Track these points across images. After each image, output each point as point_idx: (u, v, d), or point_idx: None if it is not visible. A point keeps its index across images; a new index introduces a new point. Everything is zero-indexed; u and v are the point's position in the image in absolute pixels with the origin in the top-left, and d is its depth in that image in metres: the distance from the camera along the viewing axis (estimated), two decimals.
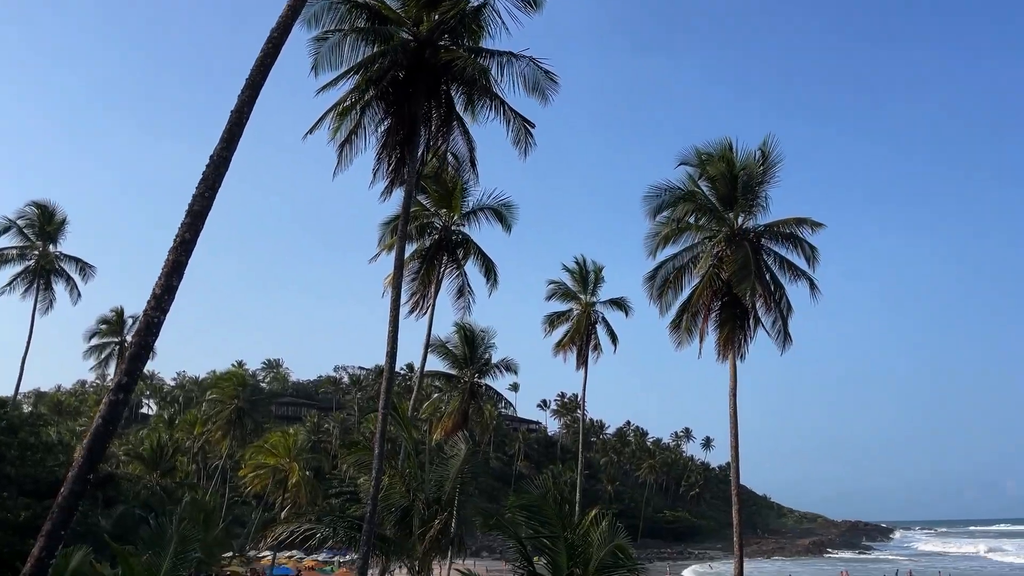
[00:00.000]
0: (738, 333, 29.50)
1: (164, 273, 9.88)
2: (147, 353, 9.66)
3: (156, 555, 10.96)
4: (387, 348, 20.84)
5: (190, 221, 10.39)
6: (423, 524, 19.71)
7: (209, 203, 10.66)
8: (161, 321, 9.67)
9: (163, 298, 9.58)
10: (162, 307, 9.58)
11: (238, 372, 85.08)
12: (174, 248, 10.10)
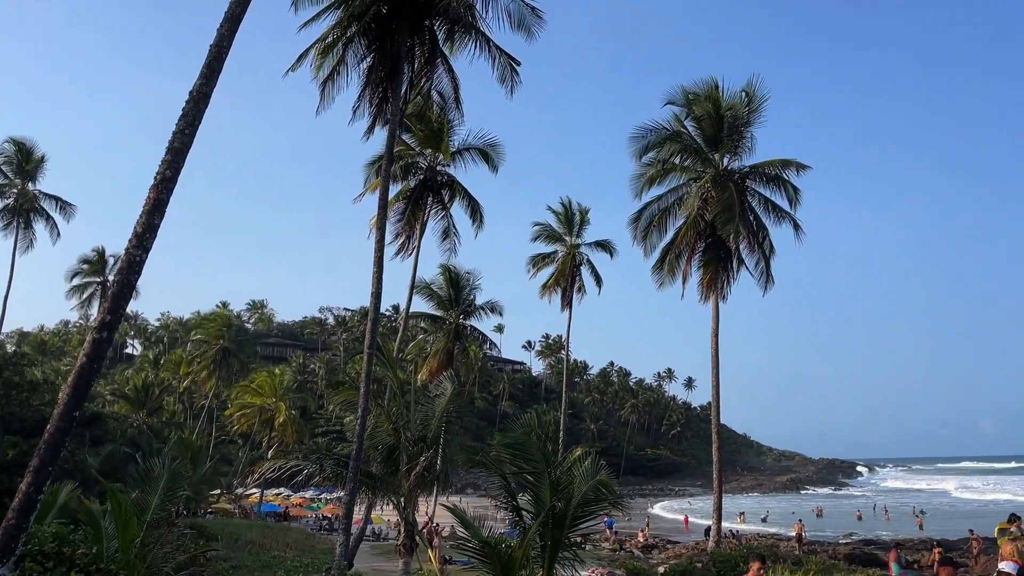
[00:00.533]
0: (721, 274, 29.72)
1: (145, 211, 9.78)
2: (130, 292, 9.61)
3: (145, 492, 11.09)
4: (372, 289, 20.84)
5: (171, 159, 10.25)
6: (409, 461, 19.98)
7: (189, 140, 10.50)
8: (143, 259, 9.60)
9: (144, 236, 9.50)
10: (144, 245, 9.50)
11: (223, 313, 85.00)
12: (155, 186, 9.98)
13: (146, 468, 11.92)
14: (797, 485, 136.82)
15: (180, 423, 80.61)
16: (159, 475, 11.17)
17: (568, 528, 11.73)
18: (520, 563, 10.90)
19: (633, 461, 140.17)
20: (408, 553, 19.88)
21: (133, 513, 10.13)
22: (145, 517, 10.15)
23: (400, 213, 34.05)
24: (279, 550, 30.52)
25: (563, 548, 11.77)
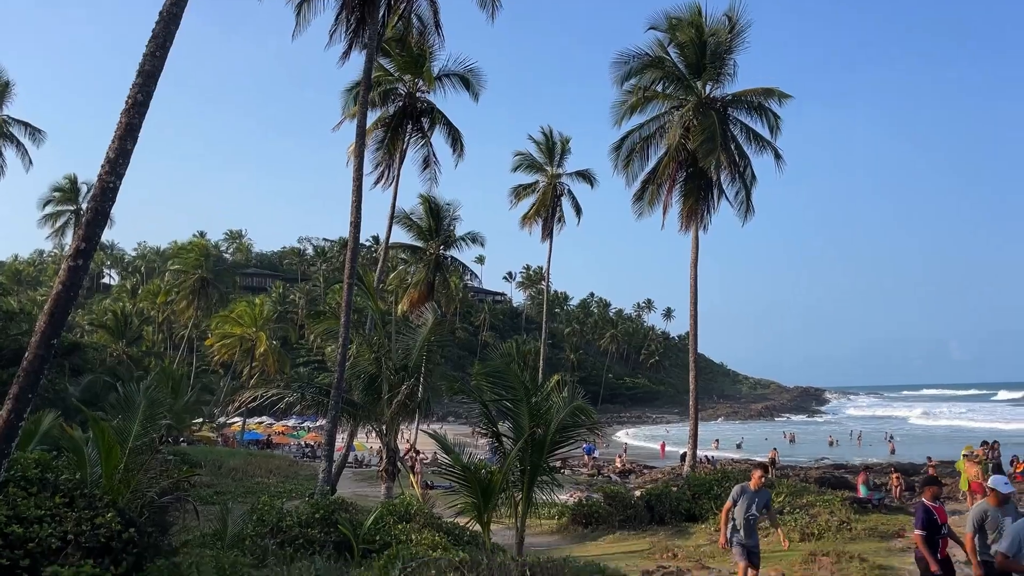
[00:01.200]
0: (701, 204, 29.70)
1: (117, 136, 9.53)
2: (104, 219, 9.44)
3: (126, 420, 11.13)
4: (351, 218, 20.66)
5: (141, 82, 9.94)
6: (391, 390, 20.20)
7: (160, 63, 10.18)
8: (117, 186, 9.40)
9: (117, 162, 9.28)
10: (117, 171, 9.29)
11: (200, 242, 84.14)
12: (126, 110, 9.70)
13: (126, 396, 11.92)
14: (772, 413, 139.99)
15: (160, 353, 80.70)
16: (139, 402, 11.19)
17: (547, 453, 11.97)
18: (500, 487, 11.15)
19: (612, 390, 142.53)
20: (390, 478, 20.26)
21: (116, 440, 10.19)
22: (127, 444, 10.22)
23: (379, 141, 33.53)
24: (262, 476, 31.02)
25: (542, 472, 12.03)
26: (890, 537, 16.67)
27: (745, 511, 10.21)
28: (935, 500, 9.27)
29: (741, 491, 10.39)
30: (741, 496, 10.30)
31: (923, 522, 8.96)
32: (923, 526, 8.94)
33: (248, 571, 10.56)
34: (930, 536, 8.87)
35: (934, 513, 9.03)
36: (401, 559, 9.81)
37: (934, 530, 8.94)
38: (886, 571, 13.39)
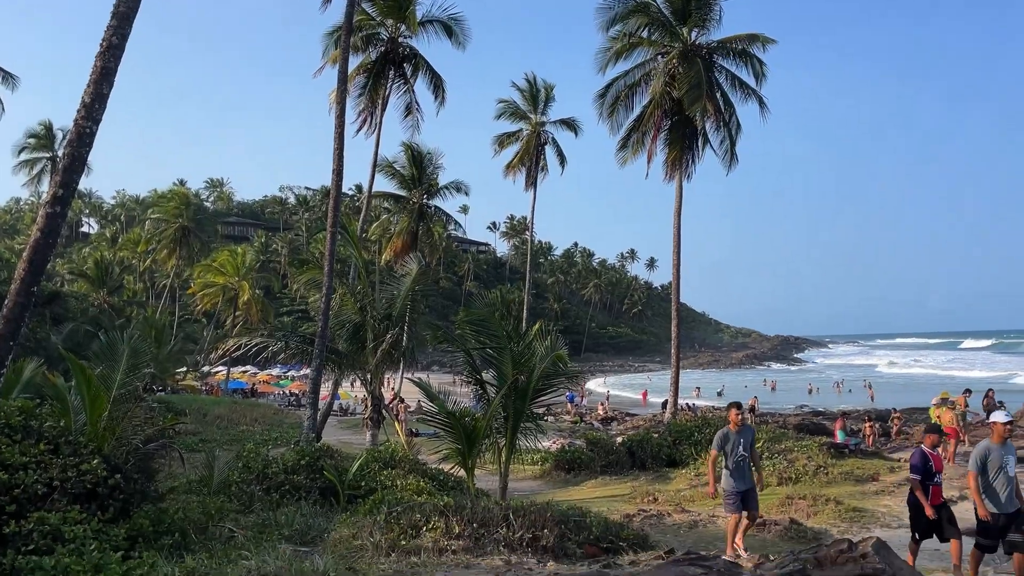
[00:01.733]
0: (686, 153, 29.60)
1: (92, 80, 9.33)
2: (81, 165, 9.29)
3: (109, 368, 11.10)
4: (334, 166, 20.42)
5: (116, 24, 9.71)
6: (375, 339, 20.24)
7: (135, 4, 9.92)
8: (93, 131, 9.23)
9: (93, 107, 9.09)
10: (93, 116, 9.11)
11: (181, 191, 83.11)
12: (101, 53, 9.48)
13: (109, 344, 11.87)
14: (752, 361, 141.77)
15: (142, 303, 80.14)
16: (123, 351, 11.15)
17: (530, 400, 12.11)
18: (484, 433, 11.29)
19: (595, 339, 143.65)
20: (375, 426, 20.43)
21: (101, 388, 10.18)
22: (111, 392, 10.21)
23: (361, 88, 33.03)
24: (247, 425, 31.18)
25: (525, 419, 12.20)
26: (865, 481, 17.08)
27: (732, 454, 9.80)
28: (933, 448, 9.29)
29: (724, 437, 9.92)
30: (725, 441, 9.87)
31: (917, 467, 9.07)
32: (917, 471, 9.04)
33: (235, 516, 10.68)
34: (923, 480, 8.98)
35: (930, 460, 9.08)
36: (386, 504, 9.95)
37: (928, 476, 8.98)
38: (861, 514, 13.75)
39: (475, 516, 9.08)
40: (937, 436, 9.56)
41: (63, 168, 9.12)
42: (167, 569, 6.73)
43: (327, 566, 7.10)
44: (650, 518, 13.91)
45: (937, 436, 9.56)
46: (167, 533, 8.62)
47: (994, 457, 8.17)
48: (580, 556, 9.00)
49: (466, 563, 8.08)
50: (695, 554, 8.29)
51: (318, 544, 9.38)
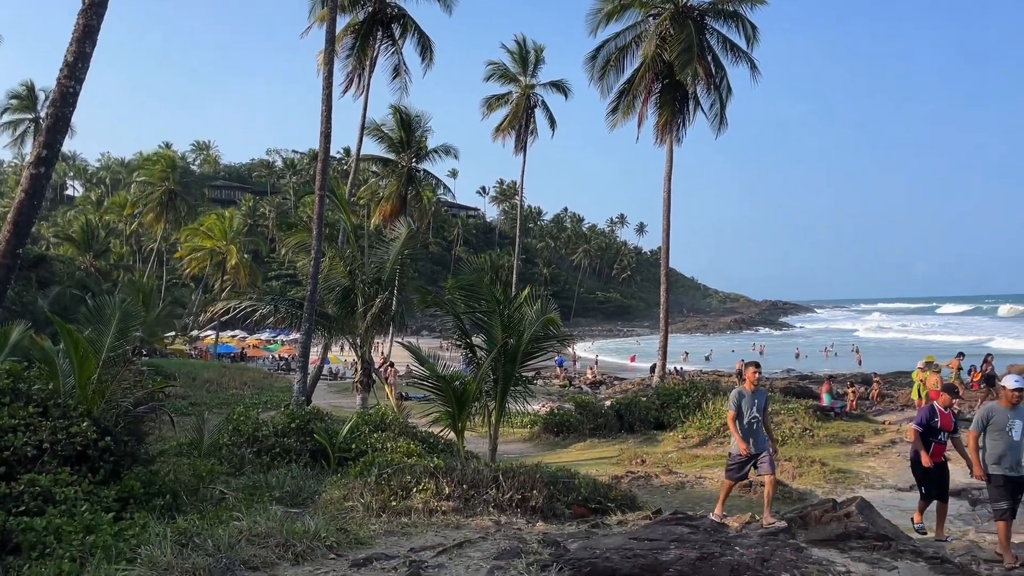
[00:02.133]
0: (677, 117, 29.43)
1: (75, 39, 9.14)
2: (65, 125, 9.14)
3: (98, 331, 11.05)
4: (321, 128, 20.20)
5: None
6: (364, 303, 20.21)
7: None
8: (77, 91, 9.07)
9: (76, 65, 8.92)
10: (76, 75, 8.94)
11: (167, 153, 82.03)
12: (84, 10, 9.28)
13: (96, 307, 11.80)
14: (740, 326, 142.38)
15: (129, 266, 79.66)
16: (111, 314, 11.09)
17: (519, 363, 12.16)
18: (474, 396, 11.34)
19: (584, 304, 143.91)
20: (365, 389, 20.49)
21: (89, 351, 10.15)
22: (100, 355, 10.18)
23: (348, 49, 32.59)
24: (237, 388, 31.24)
25: (515, 382, 12.25)
26: (850, 443, 17.30)
27: (746, 415, 9.24)
28: (946, 408, 9.16)
29: (739, 395, 9.39)
30: (740, 401, 9.31)
31: (921, 419, 9.13)
32: (920, 422, 9.11)
33: (225, 479, 10.73)
34: (925, 436, 9.00)
35: (937, 416, 9.04)
36: (377, 466, 10.02)
37: (931, 432, 8.99)
38: (845, 475, 13.95)
39: (465, 478, 9.16)
40: (950, 396, 9.32)
41: (47, 128, 8.98)
42: (159, 530, 6.77)
43: (318, 527, 7.15)
44: (638, 480, 14.08)
45: (950, 396, 9.32)
46: (158, 495, 8.66)
47: (997, 419, 7.84)
48: (569, 517, 9.11)
49: (456, 523, 8.16)
50: (682, 514, 8.42)
51: (309, 506, 9.45)
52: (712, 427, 19.97)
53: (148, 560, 6.16)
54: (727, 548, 6.59)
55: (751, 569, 6.09)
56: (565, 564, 6.07)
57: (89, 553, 6.52)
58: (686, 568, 6.11)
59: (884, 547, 7.04)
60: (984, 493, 11.82)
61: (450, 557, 6.62)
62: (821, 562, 6.34)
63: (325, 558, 6.65)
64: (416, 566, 6.28)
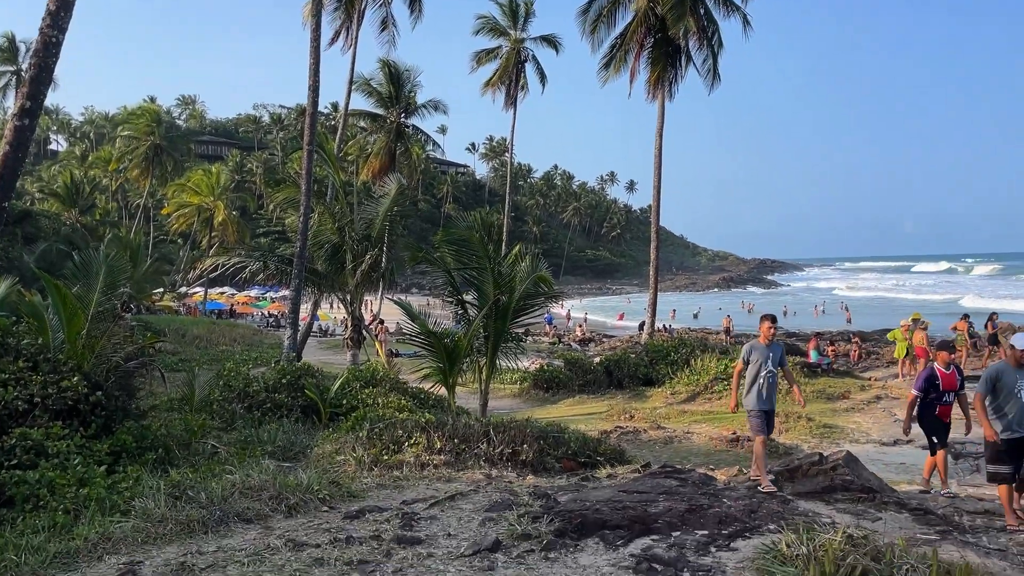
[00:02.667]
0: (669, 72, 29.17)
1: None
2: (48, 76, 8.95)
3: (85, 287, 10.97)
4: (309, 82, 19.91)
5: None
6: (354, 259, 20.15)
7: None
8: (60, 40, 8.87)
9: (59, 15, 8.70)
10: (59, 25, 8.73)
11: (151, 107, 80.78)
12: None
13: (84, 263, 11.70)
14: (729, 284, 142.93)
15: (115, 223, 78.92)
16: (98, 269, 11.01)
17: (510, 320, 12.19)
18: (465, 352, 11.37)
19: (573, 262, 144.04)
20: (356, 346, 20.54)
21: (78, 306, 10.09)
22: (89, 310, 10.12)
23: (337, 1, 32.02)
24: (226, 345, 31.22)
25: (506, 339, 12.30)
26: (836, 399, 17.52)
27: (761, 369, 8.61)
28: (947, 366, 8.83)
29: (751, 348, 8.81)
30: (752, 353, 8.74)
31: (920, 385, 8.89)
32: (919, 388, 8.86)
33: (217, 434, 10.77)
34: (930, 400, 8.77)
35: (938, 378, 8.78)
36: (368, 420, 10.07)
37: (935, 394, 8.75)
38: (831, 430, 14.15)
39: (456, 432, 9.23)
40: (948, 353, 8.92)
41: (30, 79, 8.80)
42: (152, 482, 6.81)
43: (311, 480, 7.21)
44: (627, 434, 14.23)
45: (948, 353, 8.92)
46: (150, 449, 8.69)
47: (1006, 379, 7.44)
48: (558, 471, 9.21)
49: (447, 477, 8.25)
50: (671, 467, 8.53)
51: (301, 460, 9.52)
52: (701, 383, 20.17)
53: (142, 512, 6.21)
54: (715, 500, 6.69)
55: (738, 520, 6.18)
56: (556, 516, 6.15)
57: (83, 505, 6.57)
58: (675, 519, 6.20)
59: (869, 499, 7.17)
60: (967, 447, 12.03)
61: (442, 509, 6.70)
62: (807, 514, 6.45)
63: (318, 511, 6.72)
64: (409, 518, 6.35)
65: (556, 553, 5.48)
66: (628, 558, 5.36)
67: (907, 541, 5.53)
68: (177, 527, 6.04)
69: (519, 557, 5.38)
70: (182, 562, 5.24)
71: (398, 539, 5.76)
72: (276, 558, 5.32)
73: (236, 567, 5.16)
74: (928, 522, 6.68)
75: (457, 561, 5.30)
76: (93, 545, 5.70)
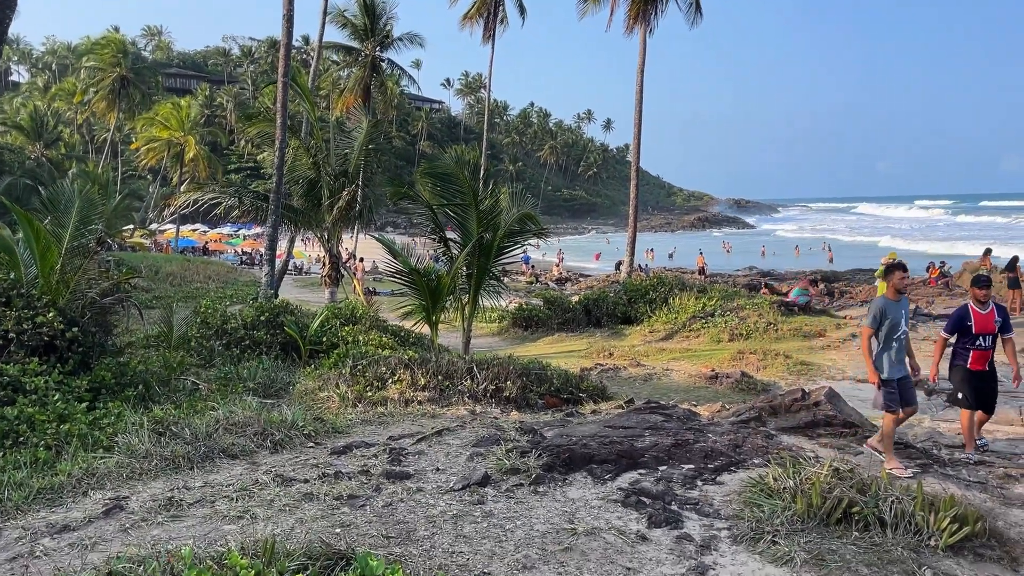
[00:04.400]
0: (649, 5, 28.62)
1: None
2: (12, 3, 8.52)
3: (57, 221, 10.68)
4: (283, 10, 19.23)
5: None
6: (331, 195, 19.85)
7: None
8: None
9: None
10: None
11: (116, 37, 77.98)
12: None
13: (53, 197, 11.37)
14: (704, 224, 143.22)
15: (82, 157, 77.07)
16: (69, 203, 10.71)
17: (494, 258, 12.09)
18: (448, 289, 11.28)
19: (550, 201, 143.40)
20: (334, 284, 20.39)
21: (51, 239, 9.84)
22: (62, 244, 9.88)
23: None
24: (201, 282, 30.86)
25: (489, 277, 12.21)
26: (812, 337, 17.74)
27: (894, 331, 6.77)
28: (982, 304, 7.37)
29: (883, 308, 6.83)
30: (884, 315, 6.80)
31: (951, 326, 7.55)
32: (950, 329, 7.54)
33: (196, 371, 10.68)
34: (963, 344, 7.45)
35: (969, 318, 7.34)
36: (351, 357, 10.02)
37: (968, 337, 7.38)
38: (808, 367, 14.34)
39: (440, 369, 9.22)
40: (981, 289, 7.39)
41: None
42: (135, 418, 6.72)
43: (296, 416, 7.17)
44: (607, 372, 14.34)
45: (981, 289, 7.39)
46: (130, 385, 8.59)
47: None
48: (541, 407, 9.25)
49: (432, 413, 8.26)
50: (655, 403, 8.59)
51: (283, 397, 9.48)
52: (679, 321, 20.33)
53: (126, 448, 6.15)
54: (700, 435, 6.75)
55: (724, 454, 6.25)
56: (543, 450, 6.17)
57: (64, 442, 6.48)
58: (661, 454, 6.25)
59: (850, 434, 7.28)
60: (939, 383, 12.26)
61: (429, 444, 6.70)
62: (791, 448, 6.54)
63: (304, 446, 6.70)
64: (396, 453, 6.34)
65: (545, 487, 5.51)
66: (616, 492, 5.41)
67: (889, 474, 5.63)
68: (162, 463, 5.99)
69: (508, 491, 5.40)
70: (169, 497, 5.20)
71: (387, 474, 5.75)
72: (265, 493, 5.30)
73: (224, 502, 5.13)
74: (909, 456, 6.81)
75: (447, 495, 5.31)
76: (77, 481, 5.64)
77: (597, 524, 4.79)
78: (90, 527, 4.78)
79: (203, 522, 4.78)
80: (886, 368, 6.73)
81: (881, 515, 4.65)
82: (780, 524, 4.66)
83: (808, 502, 4.80)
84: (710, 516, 4.97)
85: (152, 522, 4.82)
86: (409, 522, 4.76)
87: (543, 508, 5.09)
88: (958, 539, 4.44)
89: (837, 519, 4.70)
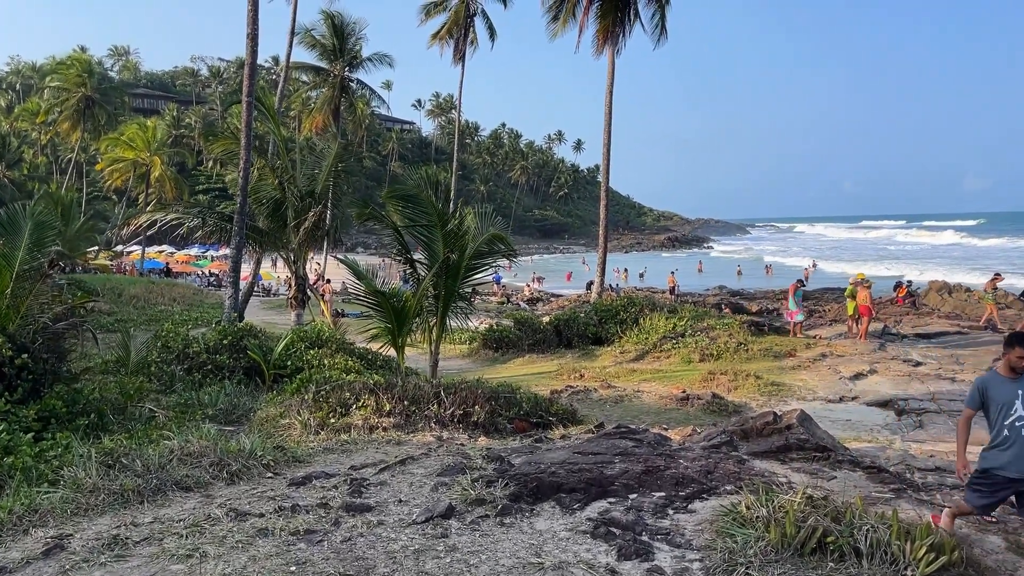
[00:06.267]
0: (618, 27, 28.84)
1: None
2: None
3: (10, 244, 10.34)
4: (247, 30, 19.05)
5: None
6: (296, 216, 19.55)
7: None
8: None
9: None
10: None
11: (81, 57, 77.01)
12: None
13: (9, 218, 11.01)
14: (674, 244, 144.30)
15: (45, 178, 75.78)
16: (25, 225, 10.36)
17: (461, 279, 11.91)
18: (415, 311, 11.07)
19: (521, 222, 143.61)
20: (300, 306, 20.04)
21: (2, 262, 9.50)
22: (13, 268, 9.52)
23: None
24: (165, 304, 30.27)
25: (456, 298, 12.02)
26: (782, 357, 17.74)
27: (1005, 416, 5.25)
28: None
29: (987, 385, 5.38)
30: (990, 391, 5.35)
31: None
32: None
33: (155, 397, 10.36)
34: None
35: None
36: (315, 382, 9.77)
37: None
38: (779, 387, 14.28)
39: (406, 394, 8.99)
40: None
41: None
42: (83, 450, 6.41)
43: (254, 445, 6.90)
44: (577, 394, 14.17)
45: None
46: (82, 414, 8.27)
47: None
48: (510, 431, 9.06)
49: (397, 440, 8.02)
50: (625, 427, 8.42)
51: (244, 423, 9.20)
52: (649, 342, 20.25)
53: (72, 482, 5.84)
54: (671, 461, 6.59)
55: (695, 481, 6.09)
56: (510, 480, 5.97)
57: (7, 476, 6.17)
58: (632, 481, 6.08)
59: (823, 458, 7.17)
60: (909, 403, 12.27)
61: (393, 474, 6.47)
62: (763, 473, 6.40)
63: (262, 477, 6.43)
64: (358, 484, 6.11)
65: (511, 518, 5.30)
66: (585, 522, 5.22)
67: (864, 500, 5.50)
68: (110, 497, 5.69)
69: (473, 523, 5.19)
70: (115, 535, 4.91)
71: (347, 507, 5.51)
72: (217, 529, 5.03)
73: (174, 539, 4.85)
74: (883, 480, 6.70)
75: (409, 528, 5.08)
76: (18, 518, 5.33)
77: (565, 557, 4.60)
78: (27, 569, 4.49)
79: (149, 562, 4.51)
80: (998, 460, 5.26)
81: (856, 544, 4.50)
82: (753, 555, 4.50)
83: (782, 532, 4.64)
84: (681, 547, 4.79)
85: (94, 563, 4.54)
86: (368, 558, 4.53)
87: (509, 541, 4.89)
88: (935, 569, 4.30)
89: (812, 549, 4.54)
